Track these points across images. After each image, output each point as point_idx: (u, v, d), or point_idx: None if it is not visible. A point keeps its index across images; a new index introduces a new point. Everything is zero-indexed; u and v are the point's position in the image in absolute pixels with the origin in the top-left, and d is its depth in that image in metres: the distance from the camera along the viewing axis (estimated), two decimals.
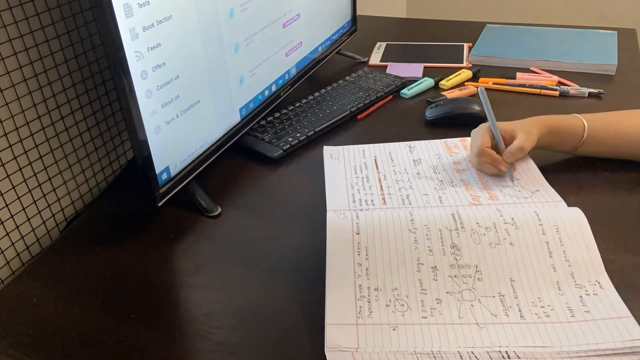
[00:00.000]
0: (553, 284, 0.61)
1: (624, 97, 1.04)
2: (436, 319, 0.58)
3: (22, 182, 0.76)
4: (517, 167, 0.81)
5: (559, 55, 1.19)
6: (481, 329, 0.57)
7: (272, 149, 0.91)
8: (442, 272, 0.62)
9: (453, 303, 0.60)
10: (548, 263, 0.63)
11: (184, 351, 0.59)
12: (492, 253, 0.63)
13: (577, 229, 0.65)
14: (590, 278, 0.61)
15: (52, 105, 0.79)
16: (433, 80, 1.12)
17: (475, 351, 0.55)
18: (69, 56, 0.80)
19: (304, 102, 1.05)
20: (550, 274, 0.62)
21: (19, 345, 0.61)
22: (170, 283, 0.68)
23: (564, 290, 0.60)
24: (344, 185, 0.81)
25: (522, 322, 0.57)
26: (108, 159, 0.91)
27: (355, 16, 1.29)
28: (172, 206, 0.80)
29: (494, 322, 0.58)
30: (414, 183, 0.80)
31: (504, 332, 0.57)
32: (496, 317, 0.58)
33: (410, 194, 0.78)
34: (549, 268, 0.62)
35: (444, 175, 0.82)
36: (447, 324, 0.58)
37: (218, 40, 0.81)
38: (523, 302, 0.59)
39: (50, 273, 0.71)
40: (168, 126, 0.73)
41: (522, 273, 0.62)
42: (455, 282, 0.62)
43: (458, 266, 0.63)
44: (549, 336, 0.55)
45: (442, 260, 0.63)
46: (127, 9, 0.63)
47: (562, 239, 0.64)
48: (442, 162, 0.85)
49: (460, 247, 0.64)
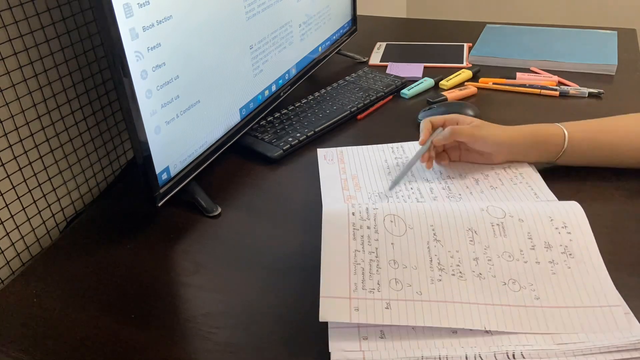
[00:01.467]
0: (549, 275, 0.61)
1: (624, 97, 1.04)
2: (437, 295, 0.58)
3: (22, 182, 0.76)
4: (509, 172, 0.80)
5: (559, 55, 1.19)
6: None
7: (272, 149, 0.91)
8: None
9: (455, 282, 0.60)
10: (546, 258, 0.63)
11: (184, 351, 0.59)
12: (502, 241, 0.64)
13: (575, 221, 0.65)
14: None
15: (52, 105, 0.79)
16: (433, 80, 1.12)
17: (481, 351, 0.55)
18: (69, 56, 0.80)
19: (304, 102, 1.05)
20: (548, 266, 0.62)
21: (19, 345, 0.61)
22: (170, 283, 0.68)
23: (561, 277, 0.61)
24: (339, 186, 0.81)
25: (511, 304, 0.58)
26: (108, 159, 0.91)
27: (355, 16, 1.29)
28: (172, 206, 0.80)
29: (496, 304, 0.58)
30: (413, 185, 0.81)
31: (511, 314, 0.57)
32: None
33: (409, 195, 0.78)
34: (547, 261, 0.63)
35: (441, 176, 0.82)
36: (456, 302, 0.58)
37: (218, 40, 0.81)
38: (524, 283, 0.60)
39: (50, 273, 0.71)
40: (168, 126, 0.73)
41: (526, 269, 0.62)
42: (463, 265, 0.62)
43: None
44: (547, 324, 0.56)
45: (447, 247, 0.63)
46: (127, 9, 0.63)
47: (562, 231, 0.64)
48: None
49: (477, 230, 0.64)
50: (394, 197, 0.78)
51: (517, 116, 0.99)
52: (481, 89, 1.11)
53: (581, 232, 0.64)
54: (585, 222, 0.64)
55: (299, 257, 0.70)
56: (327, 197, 0.79)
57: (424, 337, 0.56)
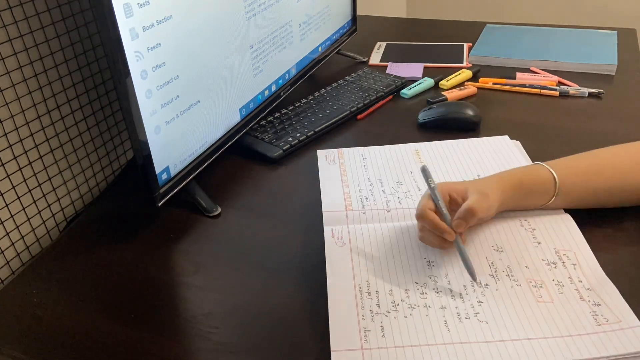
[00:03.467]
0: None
1: (624, 97, 1.04)
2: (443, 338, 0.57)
3: (22, 182, 0.76)
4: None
5: (559, 55, 1.19)
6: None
7: (272, 149, 0.91)
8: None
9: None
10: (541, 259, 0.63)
11: (184, 351, 0.59)
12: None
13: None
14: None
15: (52, 105, 0.79)
16: (433, 80, 1.12)
17: None
18: (69, 56, 0.80)
19: (304, 102, 1.05)
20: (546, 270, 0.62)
21: (19, 345, 0.61)
22: (170, 283, 0.68)
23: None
24: (339, 186, 0.81)
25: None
26: (108, 159, 0.91)
27: (355, 16, 1.29)
28: (172, 206, 0.80)
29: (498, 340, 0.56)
30: (411, 186, 0.81)
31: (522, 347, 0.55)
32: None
33: (404, 196, 0.78)
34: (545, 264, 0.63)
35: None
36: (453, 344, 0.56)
37: (218, 40, 0.81)
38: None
39: (50, 273, 0.71)
40: (168, 126, 0.73)
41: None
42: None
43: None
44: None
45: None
46: (127, 9, 0.63)
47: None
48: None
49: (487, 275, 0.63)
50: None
51: (517, 116, 0.99)
52: (481, 89, 1.11)
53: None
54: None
55: (299, 257, 0.70)
56: (327, 197, 0.79)
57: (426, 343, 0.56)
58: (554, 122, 0.96)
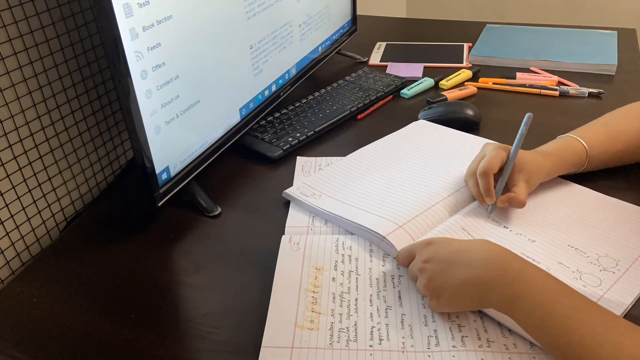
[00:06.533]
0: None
1: (624, 97, 1.04)
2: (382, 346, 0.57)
3: (22, 182, 0.76)
4: None
5: (559, 55, 1.19)
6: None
7: (272, 149, 0.91)
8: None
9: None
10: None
11: (183, 351, 0.59)
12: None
13: None
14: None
15: (52, 105, 0.79)
16: (433, 80, 1.12)
17: None
18: (69, 56, 0.80)
19: (304, 102, 1.05)
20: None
21: (18, 345, 0.61)
22: (170, 283, 0.68)
23: None
24: (307, 215, 0.78)
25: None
26: (108, 159, 0.91)
27: (355, 16, 1.29)
28: (172, 206, 0.80)
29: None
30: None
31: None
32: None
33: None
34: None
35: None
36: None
37: (218, 40, 0.81)
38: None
39: (50, 273, 0.71)
40: (168, 126, 0.73)
41: None
42: None
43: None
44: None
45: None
46: (127, 9, 0.63)
47: None
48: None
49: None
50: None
51: (517, 116, 0.98)
52: (481, 89, 1.11)
53: None
54: None
55: None
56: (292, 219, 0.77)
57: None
58: (554, 122, 0.96)
